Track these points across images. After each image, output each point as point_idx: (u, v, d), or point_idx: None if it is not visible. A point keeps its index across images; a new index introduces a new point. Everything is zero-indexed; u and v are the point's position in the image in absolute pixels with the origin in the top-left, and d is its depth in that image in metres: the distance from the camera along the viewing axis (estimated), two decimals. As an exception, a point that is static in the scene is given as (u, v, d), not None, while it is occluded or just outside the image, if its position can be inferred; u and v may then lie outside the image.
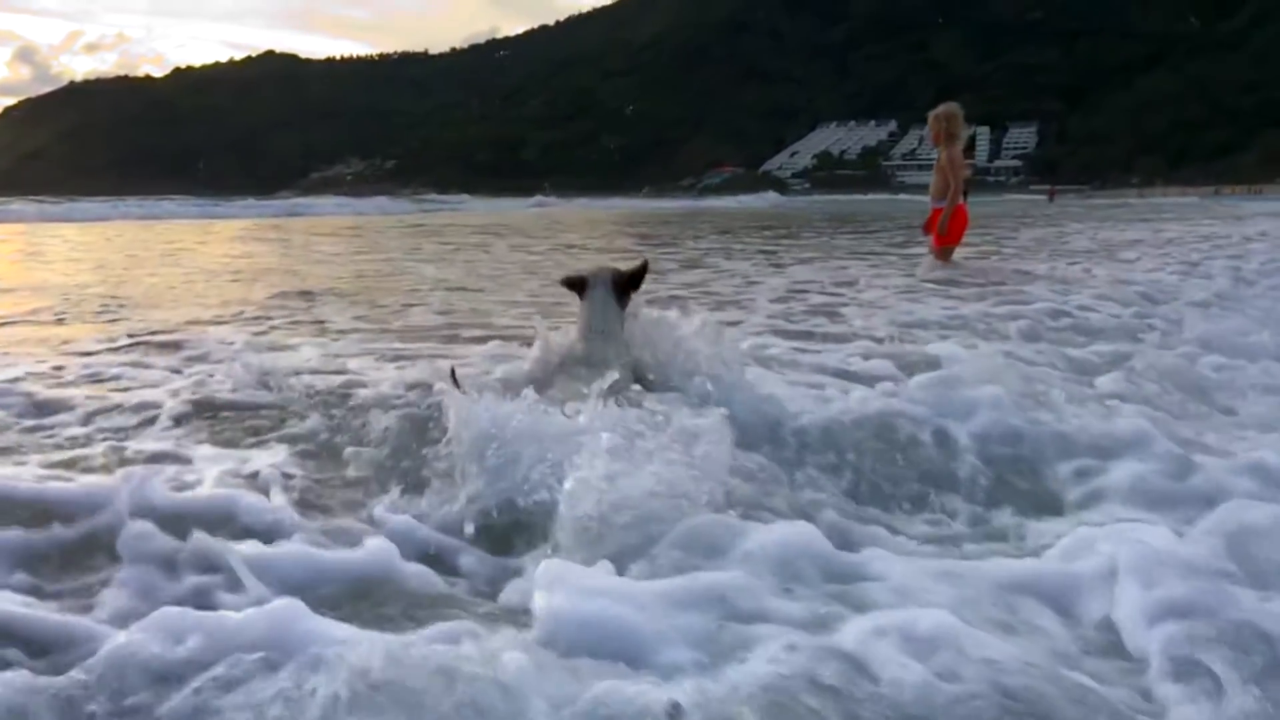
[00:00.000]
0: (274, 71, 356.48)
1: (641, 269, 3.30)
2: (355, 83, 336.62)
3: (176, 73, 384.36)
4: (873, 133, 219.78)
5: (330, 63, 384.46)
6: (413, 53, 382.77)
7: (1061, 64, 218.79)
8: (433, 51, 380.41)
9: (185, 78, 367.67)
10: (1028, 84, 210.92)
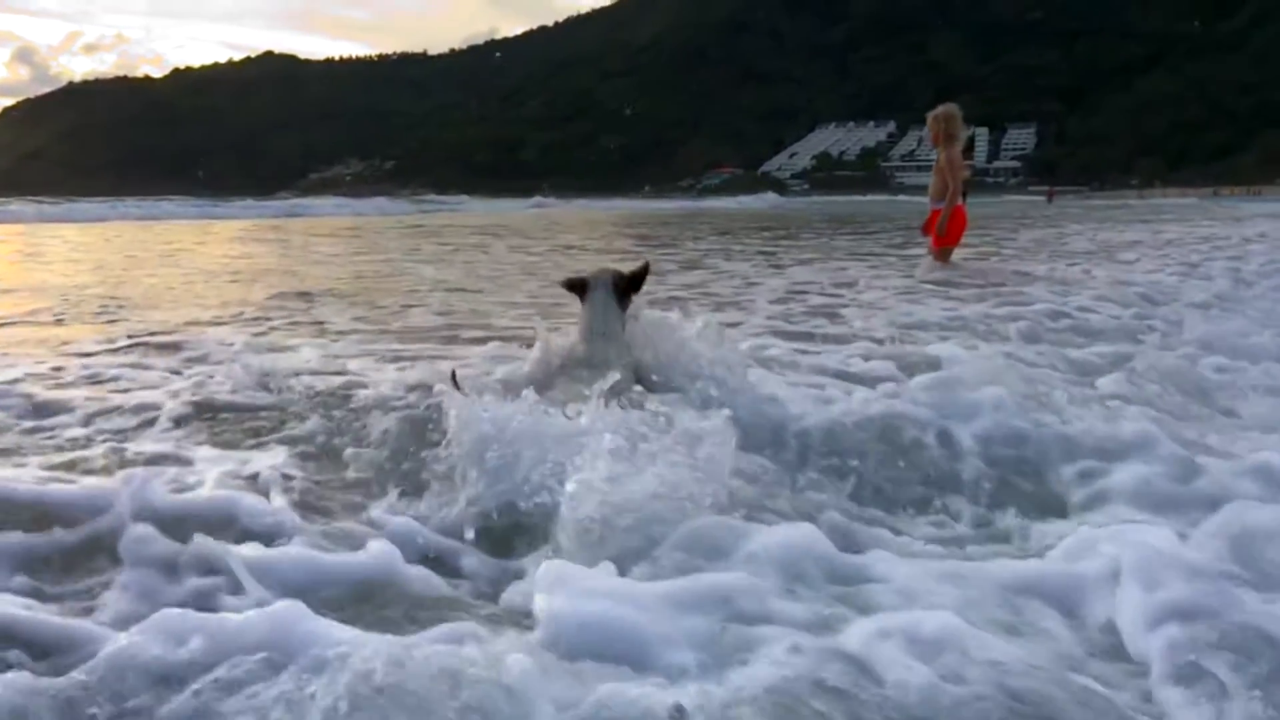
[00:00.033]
0: (273, 72, 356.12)
1: (643, 271, 3.30)
2: (354, 83, 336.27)
3: (175, 73, 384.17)
4: (871, 134, 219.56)
5: (329, 63, 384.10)
6: (412, 53, 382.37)
7: (1060, 65, 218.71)
8: (432, 52, 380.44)
9: (184, 78, 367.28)
10: (1027, 85, 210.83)
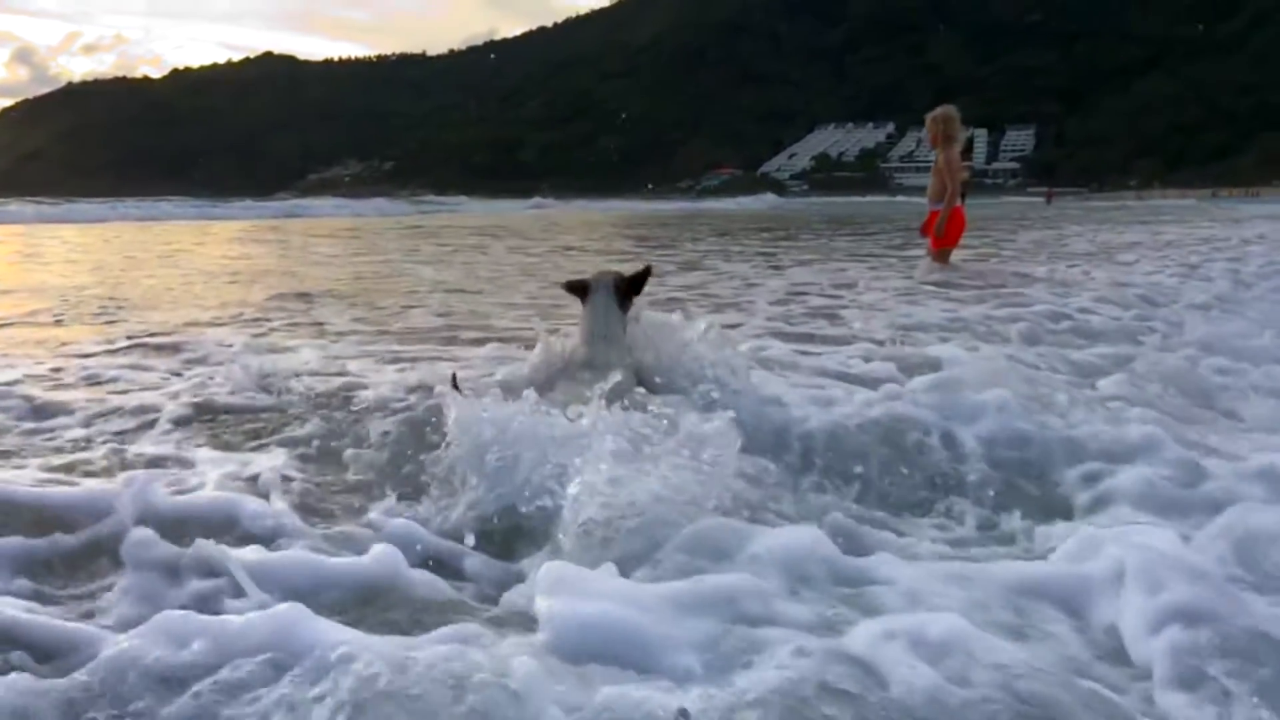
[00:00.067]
0: (272, 73, 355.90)
1: (644, 273, 3.29)
2: (353, 84, 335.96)
3: (174, 74, 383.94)
4: (870, 135, 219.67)
5: (328, 64, 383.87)
6: (411, 54, 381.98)
7: (1059, 66, 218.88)
8: (431, 53, 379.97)
9: (183, 79, 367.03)
10: (1026, 86, 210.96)
